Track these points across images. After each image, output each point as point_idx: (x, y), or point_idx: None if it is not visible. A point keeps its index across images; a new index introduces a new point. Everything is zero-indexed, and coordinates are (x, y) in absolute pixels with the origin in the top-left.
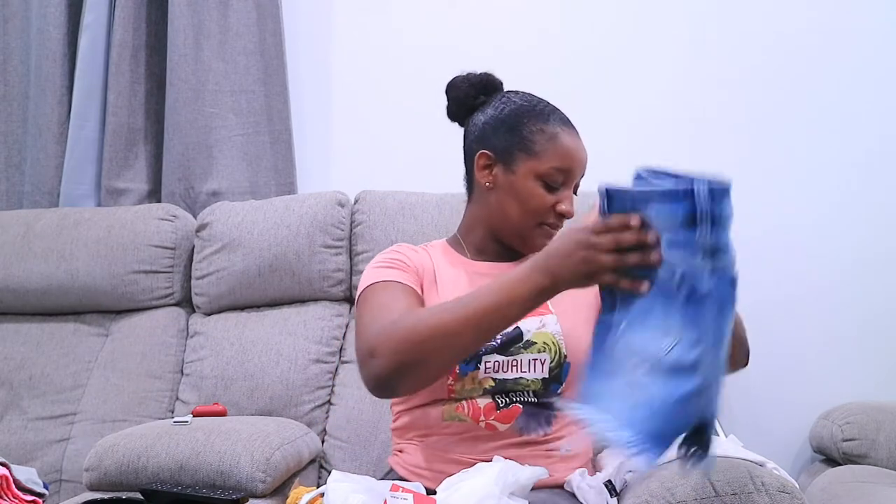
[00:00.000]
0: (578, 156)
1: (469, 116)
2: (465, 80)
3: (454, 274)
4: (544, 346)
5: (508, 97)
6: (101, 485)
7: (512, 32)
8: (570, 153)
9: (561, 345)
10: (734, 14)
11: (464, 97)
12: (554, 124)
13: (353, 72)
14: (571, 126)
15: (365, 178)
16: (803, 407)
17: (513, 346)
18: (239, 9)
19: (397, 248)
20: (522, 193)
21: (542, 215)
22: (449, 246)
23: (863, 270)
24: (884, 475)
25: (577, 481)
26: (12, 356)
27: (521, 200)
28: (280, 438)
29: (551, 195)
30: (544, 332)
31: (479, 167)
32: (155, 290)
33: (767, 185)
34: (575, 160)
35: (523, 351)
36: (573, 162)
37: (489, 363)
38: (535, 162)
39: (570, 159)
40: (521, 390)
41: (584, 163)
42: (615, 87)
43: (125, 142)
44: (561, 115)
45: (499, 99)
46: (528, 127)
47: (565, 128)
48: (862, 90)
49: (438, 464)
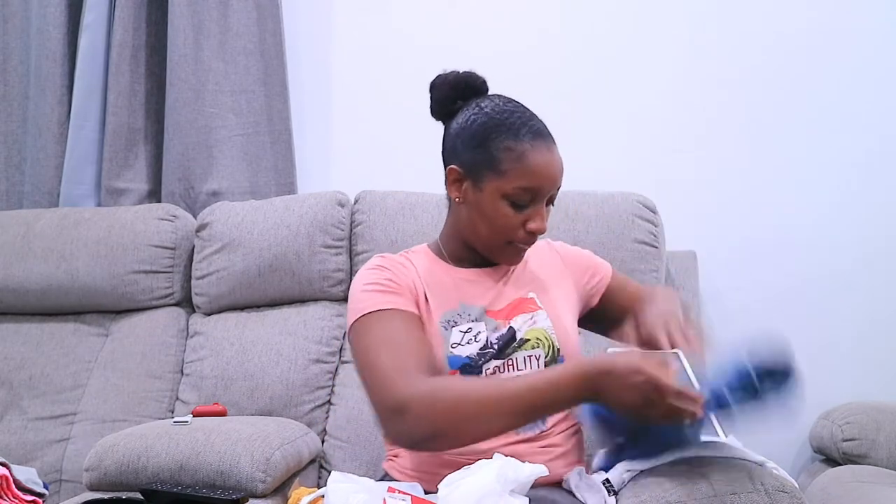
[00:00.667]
0: (547, 172)
1: (449, 119)
2: (444, 81)
3: (441, 283)
4: (538, 342)
5: (481, 106)
6: (101, 485)
7: (512, 32)
8: (537, 171)
9: (553, 339)
10: (734, 14)
11: (443, 99)
12: (523, 140)
13: (353, 72)
14: (544, 138)
15: (365, 178)
16: (803, 407)
17: (508, 347)
18: (239, 9)
19: (381, 263)
20: (489, 212)
21: (510, 234)
22: (431, 252)
23: (863, 270)
24: (884, 475)
25: (574, 480)
26: (12, 356)
27: (489, 219)
28: (280, 438)
29: (520, 214)
30: (536, 328)
31: (450, 181)
32: (155, 290)
33: (767, 185)
34: (543, 177)
35: (518, 350)
36: (541, 180)
37: (489, 370)
38: (502, 181)
39: (538, 177)
40: None
41: (555, 178)
42: (615, 87)
43: (125, 142)
44: (534, 126)
45: (473, 106)
46: (495, 143)
47: (535, 142)
48: (862, 90)
49: (434, 466)
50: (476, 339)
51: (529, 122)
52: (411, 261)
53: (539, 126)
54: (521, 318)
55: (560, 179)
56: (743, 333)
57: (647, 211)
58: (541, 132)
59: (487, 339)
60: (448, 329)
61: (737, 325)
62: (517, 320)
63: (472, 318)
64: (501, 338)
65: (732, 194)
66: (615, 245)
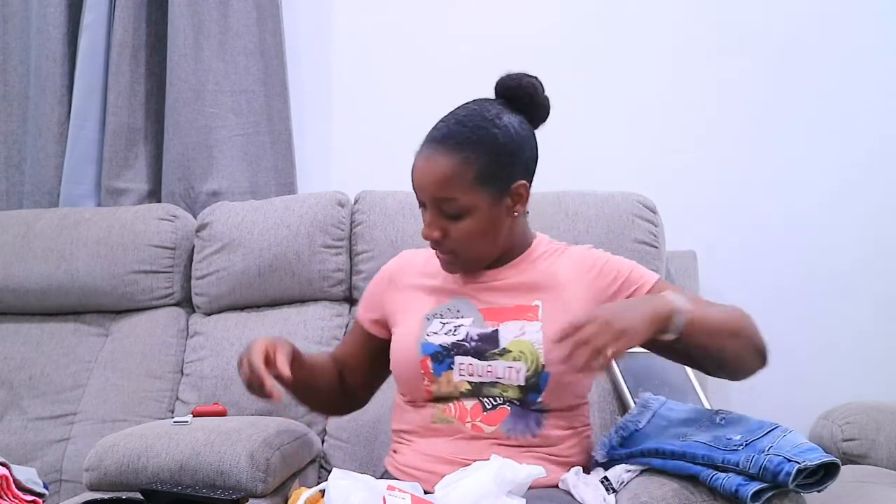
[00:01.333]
0: (418, 176)
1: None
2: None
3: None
4: (520, 355)
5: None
6: (101, 485)
7: (512, 32)
8: (413, 174)
9: (539, 354)
10: (734, 14)
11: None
12: (422, 143)
13: (353, 72)
14: (428, 143)
15: (365, 178)
16: (803, 407)
17: (487, 350)
18: (239, 9)
19: (394, 260)
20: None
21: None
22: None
23: (863, 270)
24: (884, 475)
25: (572, 480)
26: (12, 356)
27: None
28: (280, 438)
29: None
30: (523, 340)
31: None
32: (155, 290)
33: (767, 185)
34: (417, 183)
35: (498, 357)
36: (415, 183)
37: (462, 365)
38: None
39: (414, 180)
40: (502, 394)
41: (426, 185)
42: (615, 87)
43: (125, 142)
44: (436, 131)
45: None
46: None
47: (424, 147)
48: (862, 90)
49: (430, 464)
50: (455, 332)
51: (435, 129)
52: (429, 257)
53: (435, 134)
54: (510, 325)
55: (435, 189)
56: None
57: (647, 211)
58: (431, 138)
59: (467, 333)
60: (430, 320)
61: None
62: (506, 326)
63: (460, 313)
64: (482, 336)
65: (732, 194)
66: (615, 245)
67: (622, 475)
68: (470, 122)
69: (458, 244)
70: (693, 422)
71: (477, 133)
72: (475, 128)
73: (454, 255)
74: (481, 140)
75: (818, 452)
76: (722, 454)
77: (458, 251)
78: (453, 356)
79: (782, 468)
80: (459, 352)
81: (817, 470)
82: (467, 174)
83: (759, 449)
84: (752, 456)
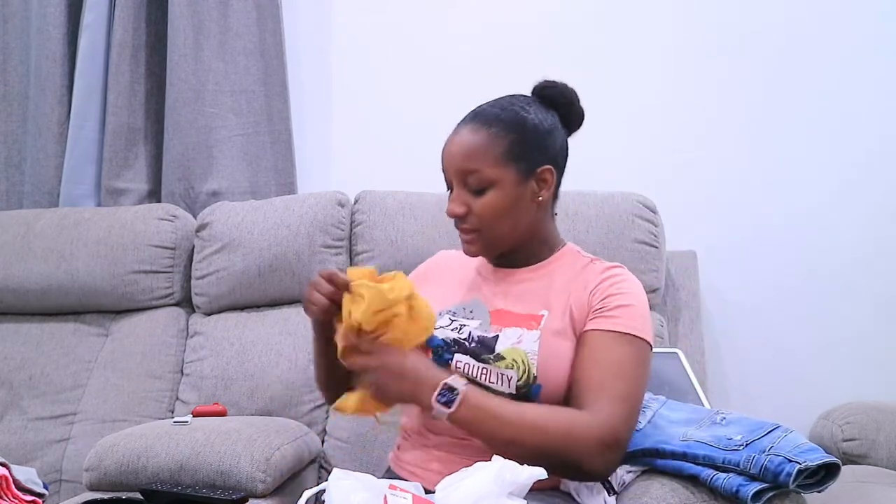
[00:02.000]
0: (446, 153)
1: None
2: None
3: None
4: (512, 363)
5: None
6: (101, 485)
7: (512, 32)
8: (442, 153)
9: (531, 364)
10: (735, 14)
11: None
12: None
13: (353, 72)
14: (462, 124)
15: (365, 178)
16: (803, 407)
17: (485, 353)
18: (239, 9)
19: (432, 259)
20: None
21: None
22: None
23: (863, 270)
24: (884, 475)
25: (573, 482)
26: (12, 356)
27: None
28: (280, 438)
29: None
30: (518, 348)
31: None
32: (155, 290)
33: (767, 185)
34: (444, 159)
35: (492, 362)
36: (444, 161)
37: (460, 363)
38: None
39: (443, 159)
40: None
41: (452, 158)
42: (615, 87)
43: (125, 142)
44: (464, 116)
45: None
46: None
47: (456, 128)
48: (862, 90)
49: (433, 463)
50: (460, 331)
51: (470, 113)
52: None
53: (467, 115)
54: (510, 332)
55: (460, 161)
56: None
57: (647, 211)
58: (462, 120)
59: (471, 333)
60: (442, 315)
61: (737, 325)
62: (506, 332)
63: (472, 314)
64: (483, 339)
65: (732, 194)
66: (615, 245)
67: (623, 476)
68: (501, 105)
69: (481, 221)
70: (693, 422)
71: (508, 113)
72: (506, 109)
73: (477, 235)
74: (512, 120)
75: (819, 453)
76: (722, 454)
77: (482, 229)
78: (453, 352)
79: (783, 468)
80: (460, 349)
81: (818, 470)
82: (495, 149)
83: (759, 449)
84: (753, 456)
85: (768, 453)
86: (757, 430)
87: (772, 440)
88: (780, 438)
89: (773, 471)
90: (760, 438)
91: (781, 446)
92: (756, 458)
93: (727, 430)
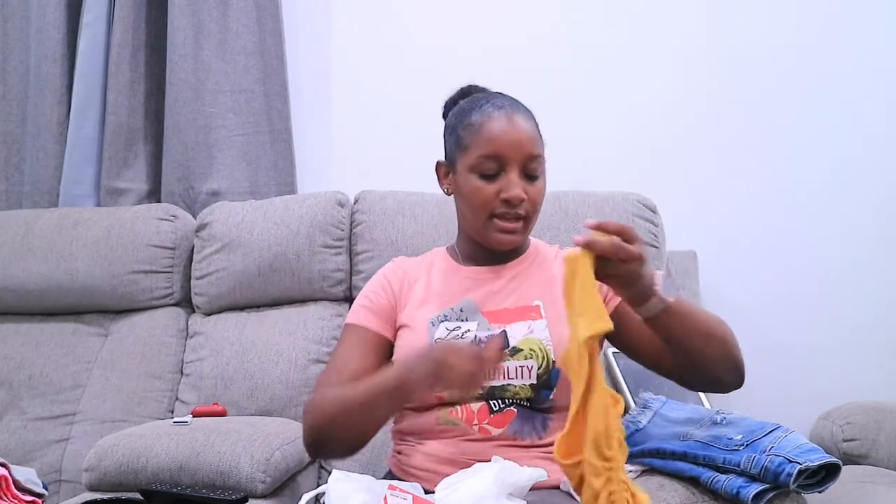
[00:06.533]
0: (507, 138)
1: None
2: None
3: (444, 282)
4: (531, 353)
5: (459, 102)
6: (101, 485)
7: (512, 32)
8: (494, 138)
9: (549, 350)
10: (735, 14)
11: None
12: (484, 112)
13: (353, 72)
14: (504, 109)
15: (365, 178)
16: (803, 407)
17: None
18: (239, 9)
19: (385, 271)
20: (465, 191)
21: (488, 207)
22: (447, 252)
23: (863, 270)
24: (884, 475)
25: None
26: (12, 356)
27: (466, 198)
28: (280, 438)
29: (492, 184)
30: (532, 338)
31: (440, 177)
32: (155, 290)
33: (768, 185)
34: (502, 143)
35: (509, 358)
36: (500, 145)
37: None
38: (467, 156)
39: (497, 143)
40: (513, 396)
41: (518, 143)
42: (615, 87)
43: (125, 141)
44: (497, 102)
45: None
46: (461, 125)
47: (497, 112)
48: (862, 90)
49: (435, 465)
50: (462, 337)
51: (493, 99)
52: (431, 259)
53: (502, 101)
54: (517, 326)
55: (529, 146)
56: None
57: (647, 211)
58: (501, 105)
59: (476, 337)
60: (435, 325)
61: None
62: (513, 327)
63: (465, 317)
64: (490, 339)
65: (732, 194)
66: None
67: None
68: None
69: (533, 207)
70: (693, 422)
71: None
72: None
73: (524, 222)
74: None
75: (819, 453)
76: (723, 454)
77: (531, 215)
78: None
79: (783, 469)
80: None
81: (818, 470)
82: (541, 137)
83: (759, 449)
84: (754, 456)
85: (769, 453)
86: (757, 430)
87: (772, 440)
88: (780, 439)
89: (773, 471)
90: (761, 439)
91: (782, 446)
92: (756, 458)
93: (727, 430)
